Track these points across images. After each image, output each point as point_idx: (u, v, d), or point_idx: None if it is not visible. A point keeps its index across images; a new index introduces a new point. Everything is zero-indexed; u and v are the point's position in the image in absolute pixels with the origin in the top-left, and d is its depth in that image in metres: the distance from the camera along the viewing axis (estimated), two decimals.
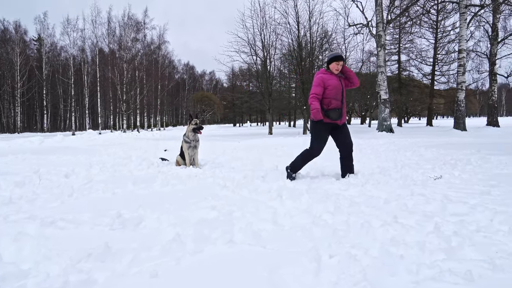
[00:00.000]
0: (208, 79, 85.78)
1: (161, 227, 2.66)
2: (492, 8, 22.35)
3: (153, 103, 45.16)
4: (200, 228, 2.54)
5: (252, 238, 2.37)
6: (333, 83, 4.91)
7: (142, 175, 5.23)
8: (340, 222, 2.74)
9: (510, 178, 4.59)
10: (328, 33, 25.69)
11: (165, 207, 3.27)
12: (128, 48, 36.59)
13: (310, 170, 5.53)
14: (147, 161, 6.94)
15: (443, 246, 2.17)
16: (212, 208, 3.12)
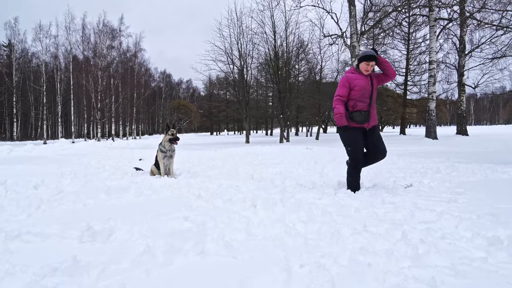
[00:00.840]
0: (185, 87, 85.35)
1: (132, 239, 2.63)
2: (459, 22, 23.31)
3: (128, 111, 44.47)
4: (172, 240, 2.52)
5: (224, 248, 2.37)
6: (360, 83, 4.52)
7: (115, 185, 5.13)
8: (312, 231, 2.77)
9: (476, 185, 4.77)
10: (304, 43, 26.17)
11: (137, 218, 3.22)
12: (103, 55, 36.03)
13: (285, 180, 5.57)
14: (121, 171, 6.83)
15: (410, 253, 2.23)
16: (185, 219, 3.10)
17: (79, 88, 37.60)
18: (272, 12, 22.51)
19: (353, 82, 4.54)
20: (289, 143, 20.69)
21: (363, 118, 4.52)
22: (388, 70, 4.67)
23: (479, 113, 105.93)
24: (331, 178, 5.68)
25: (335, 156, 9.94)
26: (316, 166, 7.37)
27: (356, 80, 4.54)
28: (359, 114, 4.52)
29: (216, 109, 56.45)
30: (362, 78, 4.55)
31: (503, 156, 8.68)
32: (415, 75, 33.02)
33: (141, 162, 8.79)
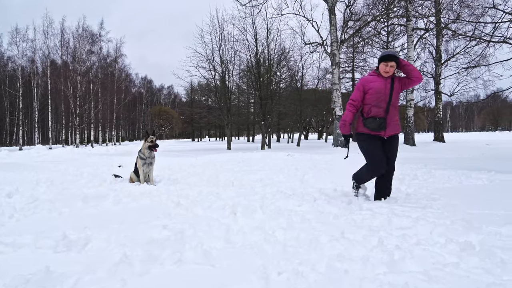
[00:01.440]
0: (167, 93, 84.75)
1: (109, 248, 2.58)
2: (435, 32, 23.99)
3: (108, 117, 43.77)
4: (150, 248, 2.49)
5: (202, 257, 2.36)
6: (376, 86, 4.11)
7: (92, 193, 5.03)
8: (291, 238, 2.79)
9: (451, 192, 4.90)
10: (285, 50, 26.40)
11: (114, 226, 3.17)
12: (82, 60, 35.46)
13: (265, 186, 5.58)
14: (99, 178, 6.71)
15: (386, 259, 2.27)
16: (163, 227, 3.07)
17: (57, 93, 36.81)
18: (254, 20, 22.68)
19: (368, 85, 4.17)
20: (270, 149, 20.76)
21: (377, 126, 4.11)
22: (411, 73, 4.12)
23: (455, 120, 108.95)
24: (311, 185, 5.73)
25: (315, 163, 10.03)
26: (296, 173, 7.42)
27: (371, 82, 4.16)
28: (372, 120, 4.13)
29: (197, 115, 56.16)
30: (379, 81, 4.14)
31: (477, 163, 8.93)
32: None
33: (120, 169, 8.66)
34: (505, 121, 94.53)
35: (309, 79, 35.26)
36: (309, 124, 50.13)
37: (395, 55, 4.06)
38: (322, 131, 50.83)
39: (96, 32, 38.75)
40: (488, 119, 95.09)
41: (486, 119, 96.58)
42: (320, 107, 36.45)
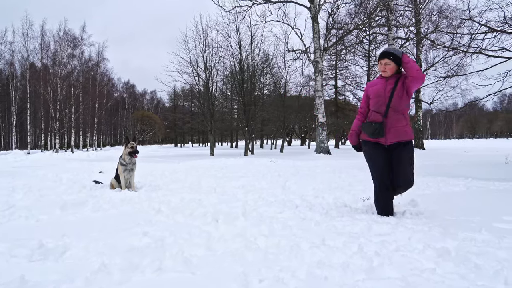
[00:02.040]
0: (149, 98, 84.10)
1: (87, 257, 2.53)
2: (415, 42, 24.58)
3: (89, 121, 43.09)
4: (129, 256, 2.46)
5: (183, 264, 2.34)
6: (375, 90, 3.82)
7: (71, 200, 4.92)
8: (272, 245, 2.80)
9: (429, 198, 5.01)
10: (269, 57, 26.56)
11: (94, 234, 3.12)
12: (63, 64, 34.90)
13: (248, 193, 5.59)
14: (79, 184, 6.58)
15: (365, 266, 2.30)
16: (144, 234, 3.04)
17: (36, 97, 36.10)
18: (238, 26, 22.78)
19: (369, 89, 3.90)
20: (253, 155, 20.78)
21: (372, 131, 3.78)
22: (409, 71, 3.61)
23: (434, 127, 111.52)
24: (293, 192, 5.76)
25: (298, 169, 10.09)
26: (279, 180, 7.45)
27: (373, 86, 3.88)
28: (368, 125, 3.83)
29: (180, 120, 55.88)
30: (378, 83, 3.84)
31: (455, 170, 9.15)
32: None
33: (101, 175, 8.52)
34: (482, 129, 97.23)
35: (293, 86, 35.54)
36: (292, 130, 50.41)
37: (390, 52, 3.71)
38: (305, 137, 51.20)
39: (78, 35, 38.33)
40: (466, 126, 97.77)
41: (464, 127, 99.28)
42: (303, 113, 36.75)
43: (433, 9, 23.39)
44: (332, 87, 35.76)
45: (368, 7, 22.57)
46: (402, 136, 3.76)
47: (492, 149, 23.89)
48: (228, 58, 24.19)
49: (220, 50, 23.81)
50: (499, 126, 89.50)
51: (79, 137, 40.43)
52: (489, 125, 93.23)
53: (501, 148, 24.52)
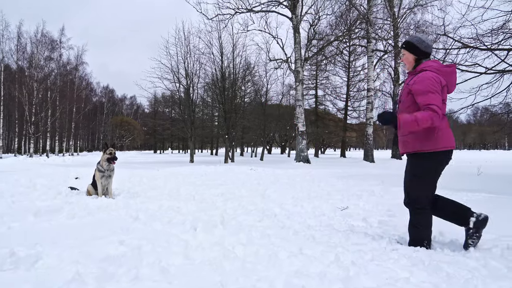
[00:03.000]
0: (129, 103, 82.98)
1: (61, 265, 2.47)
2: (393, 54, 25.24)
3: (66, 126, 42.12)
4: (105, 265, 2.42)
5: (160, 273, 2.31)
6: None
7: (46, 206, 4.79)
8: (250, 254, 2.80)
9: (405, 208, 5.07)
10: (250, 65, 26.73)
11: (68, 242, 3.05)
12: (40, 66, 34.10)
13: (227, 201, 5.57)
14: (54, 190, 6.40)
15: (341, 275, 2.33)
16: (120, 242, 2.99)
17: (10, 99, 35.11)
18: (220, 34, 22.84)
19: None
20: (234, 163, 20.74)
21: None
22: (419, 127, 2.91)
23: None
24: (272, 200, 5.78)
25: (278, 177, 10.14)
26: (258, 188, 7.46)
27: None
28: None
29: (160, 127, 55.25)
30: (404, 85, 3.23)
31: None
32: (354, 101, 35.01)
33: (77, 181, 8.34)
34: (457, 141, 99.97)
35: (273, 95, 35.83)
36: (273, 138, 50.65)
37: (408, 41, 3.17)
38: (285, 146, 51.49)
39: (57, 38, 37.56)
40: None
41: None
42: (283, 122, 36.99)
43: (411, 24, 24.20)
44: (312, 97, 36.23)
45: (348, 19, 23.08)
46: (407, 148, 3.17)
47: (465, 160, 24.61)
48: (209, 65, 24.23)
49: (201, 57, 23.83)
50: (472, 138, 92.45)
51: (55, 142, 39.47)
52: (463, 137, 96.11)
53: (474, 159, 25.30)
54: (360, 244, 3.15)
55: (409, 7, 24.03)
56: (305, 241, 3.23)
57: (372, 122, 22.50)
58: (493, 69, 9.28)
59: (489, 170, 13.09)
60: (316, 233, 3.50)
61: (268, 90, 30.64)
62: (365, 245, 3.10)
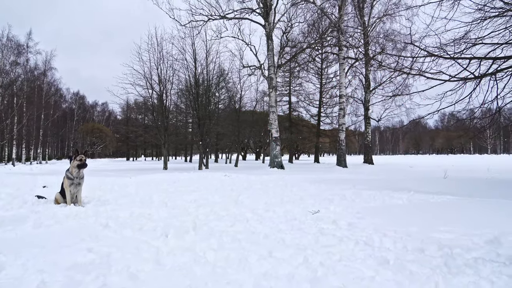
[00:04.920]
0: (100, 110, 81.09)
1: (25, 275, 2.41)
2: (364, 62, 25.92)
3: (34, 133, 40.71)
4: (72, 273, 2.38)
5: (128, 280, 2.30)
6: None
7: (10, 216, 4.64)
8: (221, 258, 2.82)
9: (374, 211, 5.25)
10: (224, 71, 26.74)
11: (34, 251, 2.97)
12: (5, 71, 32.89)
13: (199, 207, 5.55)
14: (20, 199, 6.19)
15: (310, 276, 2.39)
16: (88, 250, 2.94)
17: None
18: (193, 40, 22.75)
19: None
20: (208, 170, 20.64)
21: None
22: None
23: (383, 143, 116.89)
24: (245, 206, 5.81)
25: (251, 183, 10.16)
26: (232, 194, 7.46)
27: None
28: None
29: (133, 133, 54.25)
30: None
31: (399, 184, 9.65)
32: (327, 107, 35.60)
33: (45, 189, 8.08)
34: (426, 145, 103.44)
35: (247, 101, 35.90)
36: (247, 145, 50.74)
37: None
38: (259, 152, 51.66)
39: (23, 42, 36.31)
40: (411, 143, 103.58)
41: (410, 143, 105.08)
42: (257, 128, 37.15)
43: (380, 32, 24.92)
44: (286, 103, 36.58)
45: (320, 27, 23.52)
46: None
47: (434, 164, 25.44)
48: (183, 72, 24.05)
49: (175, 64, 23.63)
50: (440, 143, 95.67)
51: (21, 150, 38.04)
52: (431, 142, 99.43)
53: (441, 163, 26.18)
54: (329, 246, 3.22)
55: (378, 16, 24.78)
56: (275, 244, 3.27)
57: (345, 127, 22.94)
58: (456, 77, 9.70)
59: (454, 173, 13.60)
60: (286, 237, 3.55)
61: (242, 96, 30.67)
62: (334, 247, 3.17)
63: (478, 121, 11.52)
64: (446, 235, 3.62)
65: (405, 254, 2.92)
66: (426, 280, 2.31)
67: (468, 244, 3.25)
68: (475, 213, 5.08)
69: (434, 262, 2.72)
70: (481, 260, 2.72)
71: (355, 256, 2.91)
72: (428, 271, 2.50)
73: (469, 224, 4.18)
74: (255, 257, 2.80)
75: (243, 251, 3.02)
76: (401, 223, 4.28)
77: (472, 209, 5.41)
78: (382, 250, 3.04)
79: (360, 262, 2.74)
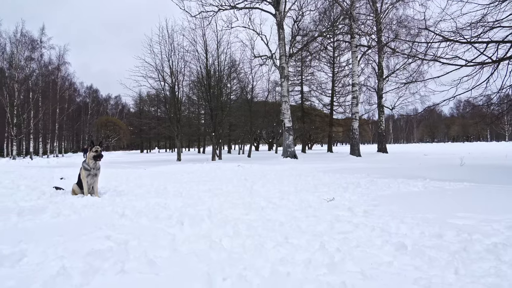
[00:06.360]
0: (114, 103, 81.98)
1: (45, 261, 2.45)
2: (377, 49, 25.49)
3: (50, 127, 41.40)
4: (91, 260, 2.41)
5: (146, 266, 2.32)
6: None
7: (29, 206, 4.74)
8: (237, 245, 2.82)
9: (389, 198, 5.20)
10: (235, 62, 26.65)
11: (53, 239, 3.02)
12: (21, 67, 33.38)
13: (214, 196, 5.58)
14: (38, 191, 6.32)
15: (326, 261, 2.38)
16: (106, 238, 2.98)
17: None
18: (204, 31, 22.71)
19: None
20: (221, 160, 20.72)
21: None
22: None
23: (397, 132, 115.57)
24: (259, 194, 5.81)
25: (265, 173, 10.17)
26: (246, 183, 7.48)
27: None
28: None
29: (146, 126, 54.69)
30: None
31: (414, 172, 9.53)
32: (340, 96, 35.28)
33: (62, 181, 8.23)
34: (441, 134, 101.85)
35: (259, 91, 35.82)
36: (260, 135, 50.71)
37: None
38: (272, 142, 51.61)
39: (37, 38, 36.76)
40: (426, 131, 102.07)
41: (424, 131, 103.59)
42: (270, 118, 37.09)
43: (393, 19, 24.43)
44: (298, 93, 36.38)
45: (331, 15, 23.22)
46: None
47: (449, 152, 25.06)
48: (194, 63, 24.09)
49: (186, 55, 23.68)
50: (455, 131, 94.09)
51: (38, 144, 38.78)
52: (446, 130, 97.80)
53: (457, 151, 25.77)
54: (345, 232, 3.20)
55: (391, 2, 24.26)
56: (291, 231, 3.27)
57: (358, 116, 22.71)
58: (473, 61, 9.46)
59: (471, 161, 13.37)
60: (302, 224, 3.54)
61: (253, 87, 30.62)
62: (350, 233, 3.15)
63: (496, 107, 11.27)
64: (465, 221, 3.56)
65: (423, 240, 2.88)
66: (446, 265, 2.28)
67: (488, 230, 3.20)
68: (494, 199, 4.99)
69: (453, 248, 2.67)
70: (501, 246, 2.66)
71: (372, 242, 2.88)
72: (447, 256, 2.46)
73: (488, 210, 4.11)
74: (271, 243, 2.80)
75: (259, 237, 3.02)
76: (417, 209, 4.23)
77: (491, 195, 5.31)
78: (399, 236, 3.01)
79: (377, 248, 2.71)
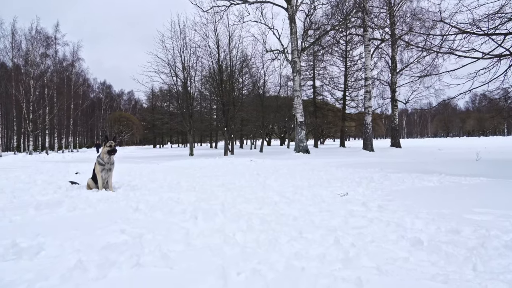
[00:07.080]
0: (127, 99, 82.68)
1: (63, 255, 2.49)
2: (390, 43, 25.13)
3: (65, 123, 42.03)
4: (106, 253, 2.44)
5: (161, 259, 2.34)
6: None
7: (46, 200, 4.82)
8: (251, 240, 2.82)
9: (404, 193, 5.14)
10: (247, 57, 26.59)
11: (69, 233, 3.06)
12: (36, 64, 33.87)
13: (227, 191, 5.59)
14: (54, 185, 6.43)
15: (341, 256, 2.36)
16: (121, 231, 3.01)
17: (7, 97, 34.94)
18: (216, 26, 22.69)
19: None
20: (233, 155, 20.76)
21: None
22: None
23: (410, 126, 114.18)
24: (272, 189, 5.80)
25: (277, 168, 10.16)
26: (258, 178, 7.48)
27: None
28: None
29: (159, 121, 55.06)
30: None
31: (429, 167, 9.41)
32: (352, 91, 34.94)
33: (77, 175, 8.35)
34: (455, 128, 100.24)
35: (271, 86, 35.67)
36: (272, 130, 50.62)
37: None
38: (284, 137, 51.50)
39: (51, 34, 37.16)
40: (440, 125, 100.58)
41: (438, 126, 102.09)
42: (282, 113, 36.96)
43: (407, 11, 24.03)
44: (310, 87, 36.16)
45: (344, 8, 22.94)
46: None
47: (464, 146, 24.65)
48: (206, 58, 24.09)
49: (198, 50, 23.68)
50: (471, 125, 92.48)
51: (54, 139, 39.38)
52: (461, 124, 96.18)
53: (473, 146, 25.34)
54: (360, 227, 3.17)
55: None
56: (304, 226, 3.25)
57: (371, 111, 22.48)
58: (490, 54, 9.26)
59: (487, 155, 13.13)
60: (315, 218, 3.52)
61: (265, 81, 30.55)
62: (365, 228, 3.12)
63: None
64: (482, 217, 3.50)
65: (439, 236, 2.84)
66: (463, 261, 2.24)
67: (506, 226, 3.13)
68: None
69: (470, 244, 2.62)
70: None
71: (387, 237, 2.85)
72: (464, 252, 2.42)
73: (506, 205, 4.02)
74: (285, 238, 2.80)
75: (272, 232, 3.01)
76: (433, 204, 4.17)
77: (509, 190, 5.20)
78: (414, 231, 2.97)
79: (392, 243, 2.68)
